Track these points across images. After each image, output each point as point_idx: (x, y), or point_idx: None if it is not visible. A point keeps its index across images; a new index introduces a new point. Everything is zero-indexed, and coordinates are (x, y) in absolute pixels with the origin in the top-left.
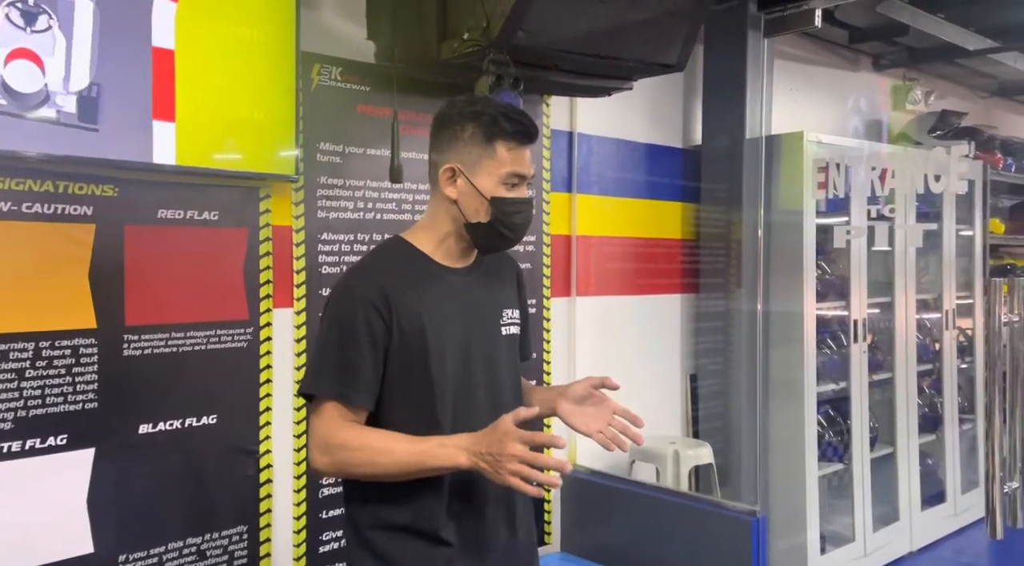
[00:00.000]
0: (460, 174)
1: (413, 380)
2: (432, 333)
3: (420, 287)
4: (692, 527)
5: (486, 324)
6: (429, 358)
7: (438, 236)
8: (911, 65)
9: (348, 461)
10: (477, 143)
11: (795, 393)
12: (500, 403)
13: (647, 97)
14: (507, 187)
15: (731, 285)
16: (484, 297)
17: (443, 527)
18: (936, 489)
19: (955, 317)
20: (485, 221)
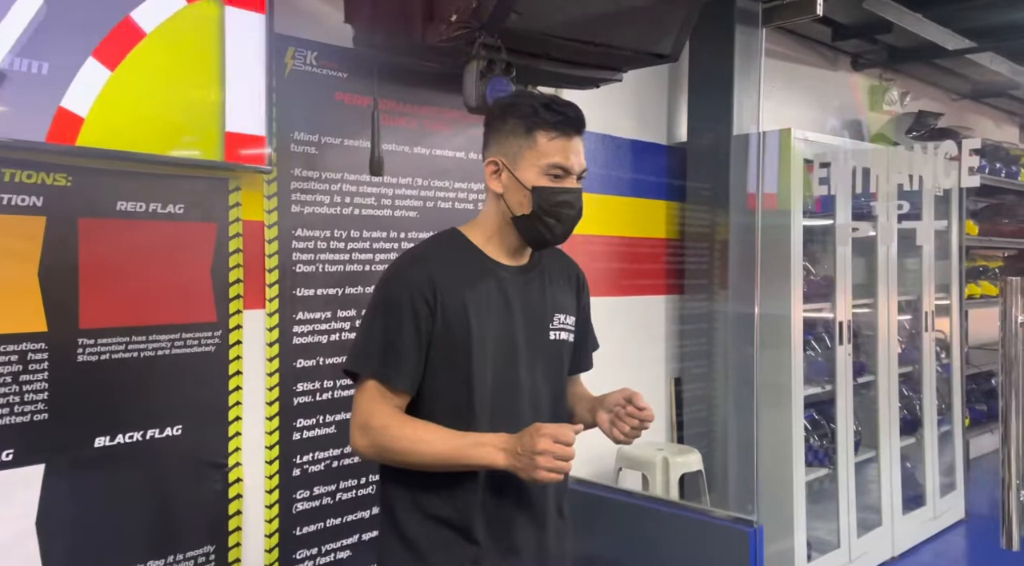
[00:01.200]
0: (504, 168)
1: (453, 373)
2: (476, 327)
3: (469, 279)
4: (685, 538)
5: (533, 325)
6: (471, 352)
7: (489, 231)
8: (889, 65)
9: (386, 446)
10: (518, 135)
11: (782, 397)
12: (538, 407)
13: (632, 92)
14: (550, 178)
15: (716, 286)
16: (536, 298)
17: (475, 525)
18: (915, 492)
19: (934, 319)
20: (529, 212)
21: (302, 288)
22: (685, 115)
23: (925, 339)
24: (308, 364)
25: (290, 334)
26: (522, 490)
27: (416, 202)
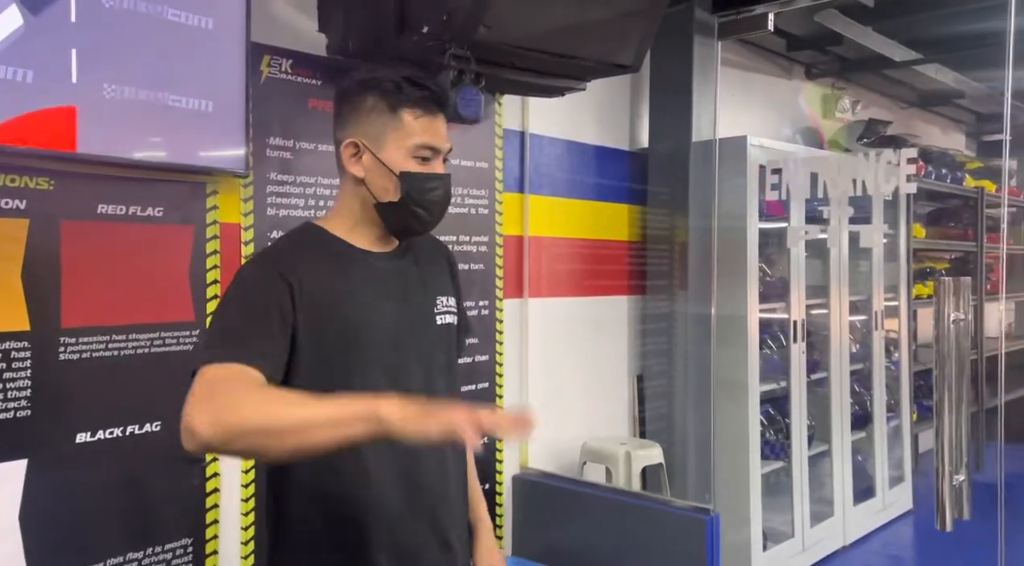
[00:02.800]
0: (365, 149)
1: (333, 371)
2: (353, 319)
3: (337, 270)
4: (646, 526)
5: (418, 312)
6: (350, 347)
7: (351, 220)
8: (841, 74)
9: (235, 421)
10: (380, 113)
11: (739, 393)
12: (434, 388)
13: (595, 99)
14: (418, 161)
15: (676, 287)
16: (414, 283)
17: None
18: (866, 484)
19: (883, 318)
20: (396, 200)
21: None
22: (647, 121)
23: (875, 338)
24: None
25: None
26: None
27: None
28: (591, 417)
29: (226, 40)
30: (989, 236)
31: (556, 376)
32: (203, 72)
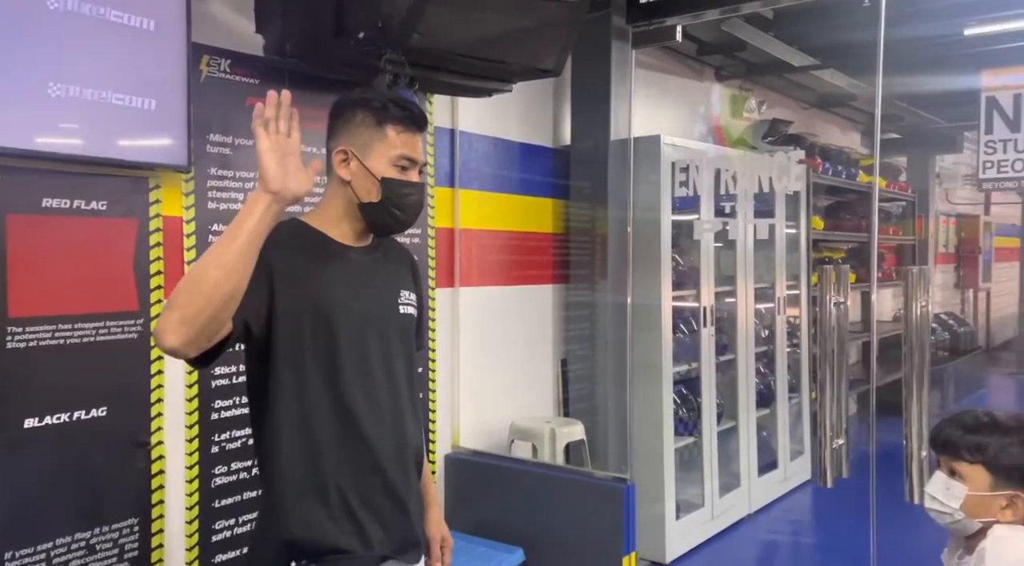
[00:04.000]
0: (353, 157)
1: (307, 342)
2: (328, 298)
3: (315, 258)
4: (569, 497)
5: (385, 300)
6: (322, 322)
7: (334, 217)
8: (747, 77)
9: (183, 292)
10: (368, 127)
11: (654, 374)
12: (392, 374)
13: (521, 99)
14: (398, 169)
15: (597, 276)
16: (382, 275)
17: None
18: (769, 458)
19: (786, 304)
20: (377, 201)
21: None
22: (569, 120)
23: (778, 322)
24: None
25: None
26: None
27: None
28: (518, 398)
29: (167, 40)
30: (882, 228)
31: (486, 361)
32: (146, 71)
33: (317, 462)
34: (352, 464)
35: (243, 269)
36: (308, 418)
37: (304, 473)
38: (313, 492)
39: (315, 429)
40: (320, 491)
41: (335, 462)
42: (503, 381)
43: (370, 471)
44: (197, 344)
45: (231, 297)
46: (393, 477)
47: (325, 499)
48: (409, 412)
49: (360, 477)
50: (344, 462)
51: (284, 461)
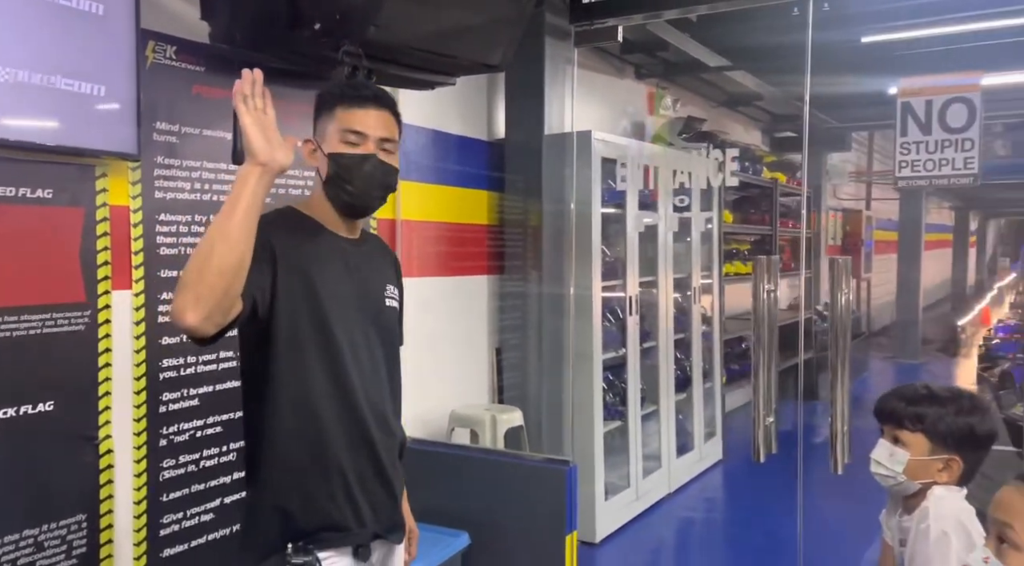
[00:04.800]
0: (317, 146)
1: (303, 323)
2: (322, 283)
3: (310, 243)
4: (514, 481)
5: (372, 291)
6: (316, 305)
7: (321, 205)
8: (665, 76)
9: (191, 271)
10: (323, 114)
11: (584, 362)
12: (377, 364)
13: (457, 92)
14: (346, 145)
15: (530, 267)
16: (371, 267)
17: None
18: (686, 439)
19: (700, 294)
20: (329, 177)
21: (166, 269)
22: (502, 114)
23: (694, 311)
24: (173, 341)
25: (155, 313)
26: (375, 466)
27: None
28: (456, 387)
29: (116, 25)
30: (781, 221)
31: (424, 350)
32: (94, 57)
33: (320, 442)
34: (351, 445)
35: (246, 240)
36: (309, 399)
37: (306, 452)
38: (315, 471)
39: (317, 410)
40: (322, 470)
41: (336, 443)
42: (441, 370)
43: (366, 453)
44: (214, 320)
45: (239, 268)
46: (384, 461)
47: (327, 478)
48: (390, 402)
49: (358, 459)
50: (345, 444)
51: (284, 440)
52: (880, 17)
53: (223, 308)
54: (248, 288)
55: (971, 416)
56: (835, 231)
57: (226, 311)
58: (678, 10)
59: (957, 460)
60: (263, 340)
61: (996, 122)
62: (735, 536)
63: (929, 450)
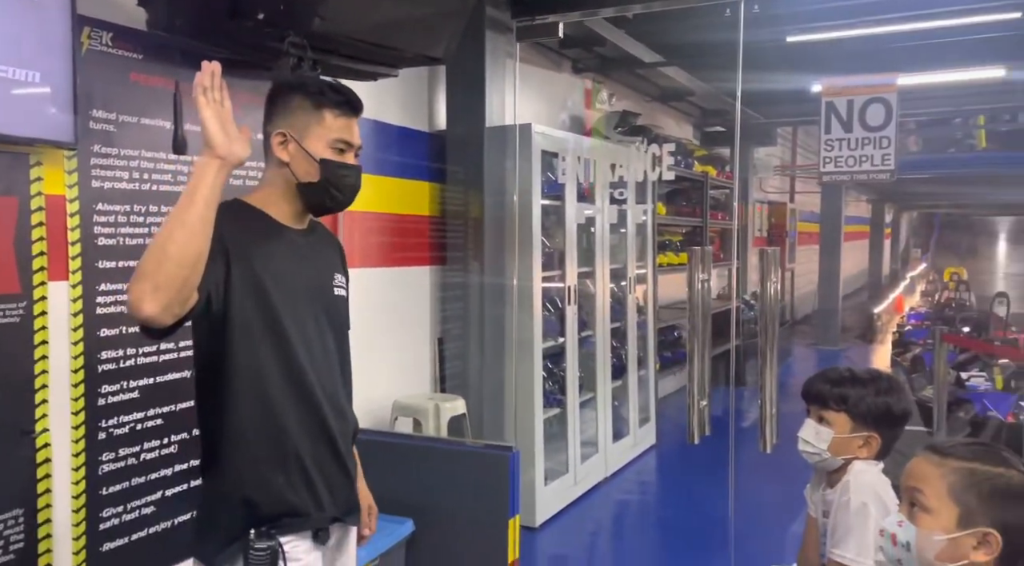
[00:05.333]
0: (291, 139)
1: (255, 315)
2: (272, 275)
3: (262, 236)
4: (459, 468)
5: (321, 280)
6: (268, 297)
7: (274, 198)
8: (601, 71)
9: (150, 261)
10: (305, 111)
11: (525, 351)
12: (329, 351)
13: (398, 83)
14: (335, 152)
15: (471, 258)
16: (319, 257)
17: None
18: (621, 425)
19: (635, 284)
20: (316, 181)
21: (104, 260)
22: (443, 106)
23: (629, 301)
24: (112, 333)
25: (94, 304)
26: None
27: None
28: (398, 377)
29: (51, 10)
30: (711, 213)
31: (367, 341)
32: (28, 42)
33: (278, 431)
34: (308, 433)
35: (205, 231)
36: (266, 390)
37: (264, 442)
38: (274, 459)
39: (273, 400)
40: (281, 458)
41: (294, 431)
42: (383, 360)
43: (323, 440)
44: (172, 311)
45: (198, 259)
46: (340, 446)
47: (285, 466)
48: (343, 388)
49: (315, 446)
50: (302, 432)
51: (242, 430)
52: (805, 18)
53: (181, 299)
54: (203, 281)
55: (889, 396)
56: (761, 223)
57: (184, 302)
58: (615, 8)
59: (876, 437)
60: (218, 333)
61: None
62: (669, 517)
63: (851, 428)
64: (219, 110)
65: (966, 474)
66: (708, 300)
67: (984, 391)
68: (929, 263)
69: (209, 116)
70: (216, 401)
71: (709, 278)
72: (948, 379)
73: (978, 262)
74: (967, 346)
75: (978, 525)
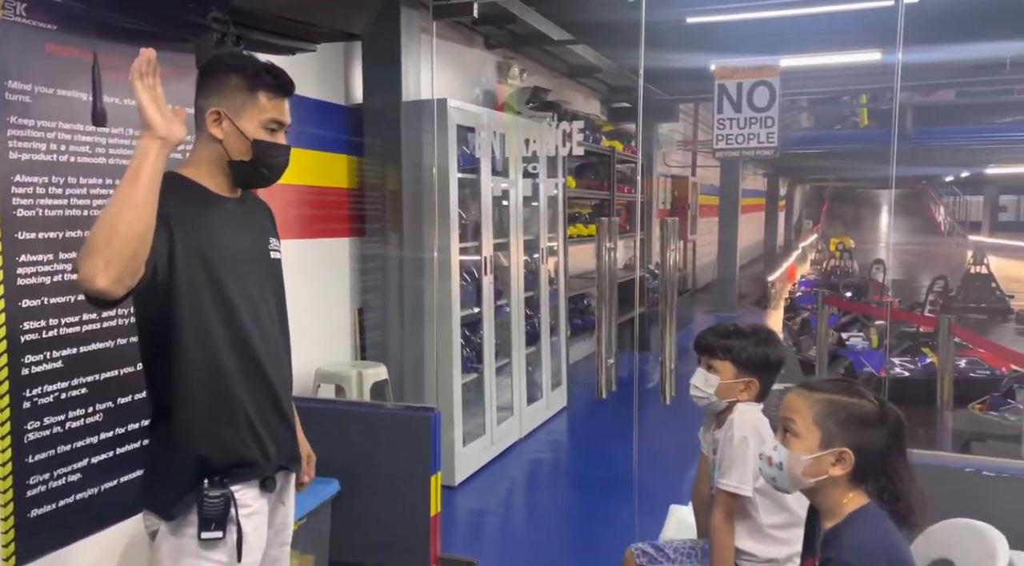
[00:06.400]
0: (225, 117)
1: (200, 282)
2: (214, 244)
3: (201, 207)
4: (382, 429)
5: (258, 246)
6: (211, 264)
7: (207, 171)
8: (512, 47)
9: (99, 237)
10: (241, 91)
11: (444, 319)
12: (271, 313)
13: (315, 57)
14: (268, 132)
15: (389, 230)
16: (255, 224)
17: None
18: (535, 389)
19: (547, 255)
20: (247, 160)
21: (24, 232)
22: (359, 79)
23: (542, 271)
24: (33, 304)
25: (14, 275)
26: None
27: (129, 151)
28: (319, 346)
29: None
30: (618, 187)
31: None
32: None
33: (226, 390)
34: (253, 390)
35: (150, 207)
36: (213, 352)
37: (213, 400)
38: (223, 416)
39: (220, 361)
40: (230, 415)
41: (241, 389)
42: (304, 330)
43: (266, 397)
44: (124, 283)
45: (145, 233)
46: (282, 400)
47: (234, 421)
48: (284, 347)
49: (260, 401)
50: (248, 390)
51: (192, 390)
52: (703, 0)
53: (131, 271)
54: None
55: (767, 347)
56: (665, 196)
57: (134, 274)
58: None
59: (755, 382)
60: (165, 300)
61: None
62: (579, 471)
63: (734, 374)
64: (154, 94)
65: (828, 404)
66: (615, 270)
67: (861, 349)
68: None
69: (146, 99)
70: (165, 364)
71: (616, 249)
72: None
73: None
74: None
75: (836, 445)
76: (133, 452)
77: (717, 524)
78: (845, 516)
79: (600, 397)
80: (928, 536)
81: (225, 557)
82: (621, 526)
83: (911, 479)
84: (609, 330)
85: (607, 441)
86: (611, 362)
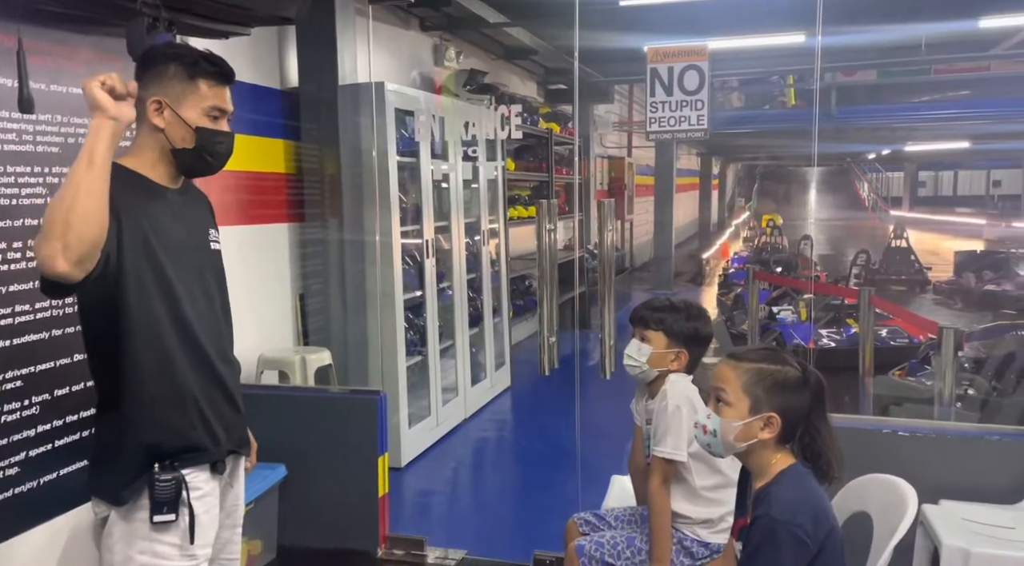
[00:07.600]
0: (166, 107)
1: (145, 272)
2: (157, 233)
3: (144, 198)
4: (329, 413)
5: (199, 237)
6: (154, 255)
7: (150, 161)
8: (448, 29)
9: (56, 221)
10: (180, 79)
11: (387, 302)
12: (213, 302)
13: (249, 41)
14: (210, 119)
15: (329, 215)
16: (195, 215)
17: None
18: (479, 370)
19: (488, 236)
20: (191, 147)
21: None
22: (293, 63)
23: (483, 253)
24: None
25: None
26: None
27: (58, 138)
28: (260, 332)
29: None
30: (556, 168)
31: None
32: None
33: (174, 378)
34: (200, 378)
35: (104, 190)
36: (160, 340)
37: (162, 387)
38: (172, 402)
39: (167, 350)
40: (178, 401)
41: (188, 376)
42: (245, 317)
43: (214, 384)
44: (84, 266)
45: (102, 215)
46: (230, 387)
47: (183, 407)
48: (227, 335)
49: (207, 389)
50: (194, 377)
51: (141, 378)
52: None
53: (91, 255)
54: None
55: (697, 321)
56: (602, 177)
57: (93, 258)
58: None
59: (685, 353)
60: (112, 289)
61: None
62: (523, 448)
63: (666, 344)
64: (104, 78)
65: (755, 373)
66: (555, 251)
67: (791, 322)
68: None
69: (95, 84)
70: (113, 351)
71: (556, 230)
72: (762, 314)
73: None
74: (776, 283)
75: (764, 411)
76: (73, 444)
77: (654, 489)
78: (774, 476)
79: (543, 375)
80: (847, 491)
81: (178, 539)
82: (565, 498)
83: (831, 436)
84: (551, 310)
85: (550, 417)
86: (553, 341)
